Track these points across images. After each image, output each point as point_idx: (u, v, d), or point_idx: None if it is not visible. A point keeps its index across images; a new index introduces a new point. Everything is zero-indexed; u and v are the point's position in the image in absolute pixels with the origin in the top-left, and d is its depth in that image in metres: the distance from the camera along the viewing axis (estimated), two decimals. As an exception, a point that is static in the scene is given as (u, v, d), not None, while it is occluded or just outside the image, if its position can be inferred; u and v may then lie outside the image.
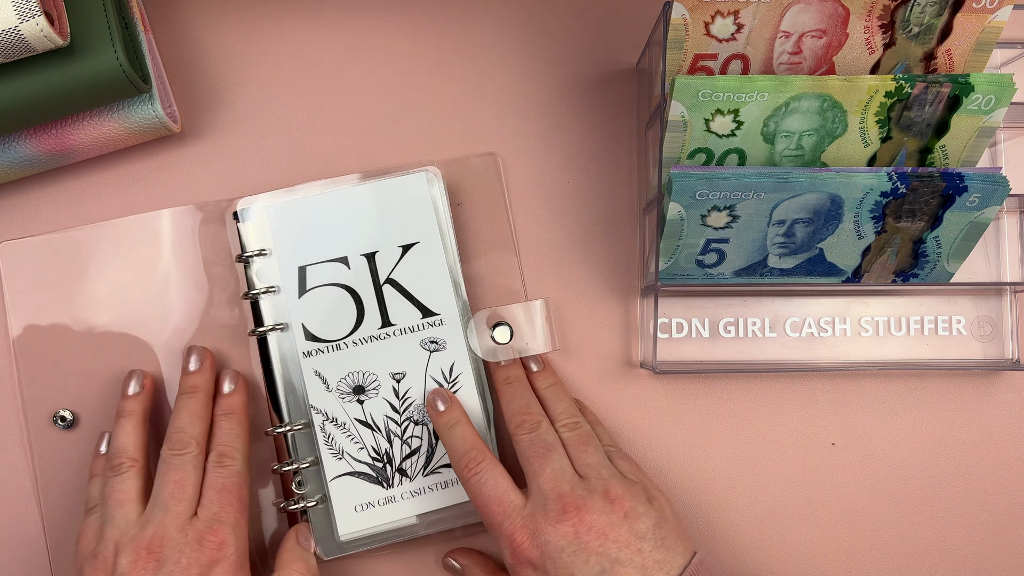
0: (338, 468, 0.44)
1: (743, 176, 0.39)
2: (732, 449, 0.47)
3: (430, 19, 0.49)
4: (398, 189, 0.45)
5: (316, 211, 0.45)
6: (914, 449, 0.47)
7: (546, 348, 0.44)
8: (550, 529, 0.37)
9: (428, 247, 0.45)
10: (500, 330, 0.44)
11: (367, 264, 0.45)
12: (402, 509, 0.44)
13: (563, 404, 0.43)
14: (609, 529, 0.37)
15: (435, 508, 0.45)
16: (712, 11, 0.39)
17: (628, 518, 0.38)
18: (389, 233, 0.45)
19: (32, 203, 0.46)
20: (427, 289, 0.45)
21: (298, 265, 0.45)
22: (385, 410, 0.45)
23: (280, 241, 0.45)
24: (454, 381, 0.45)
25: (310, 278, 0.45)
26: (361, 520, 0.44)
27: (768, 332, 0.47)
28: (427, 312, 0.45)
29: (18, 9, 0.36)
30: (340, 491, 0.44)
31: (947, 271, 0.43)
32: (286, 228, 0.45)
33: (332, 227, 0.45)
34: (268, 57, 0.48)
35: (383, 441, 0.44)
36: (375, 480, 0.44)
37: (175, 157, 0.47)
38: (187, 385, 0.43)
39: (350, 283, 0.45)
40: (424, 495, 0.45)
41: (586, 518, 0.37)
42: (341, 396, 0.44)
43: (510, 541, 0.38)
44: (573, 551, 0.37)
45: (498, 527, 0.39)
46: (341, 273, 0.45)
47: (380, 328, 0.45)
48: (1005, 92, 0.39)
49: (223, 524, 0.39)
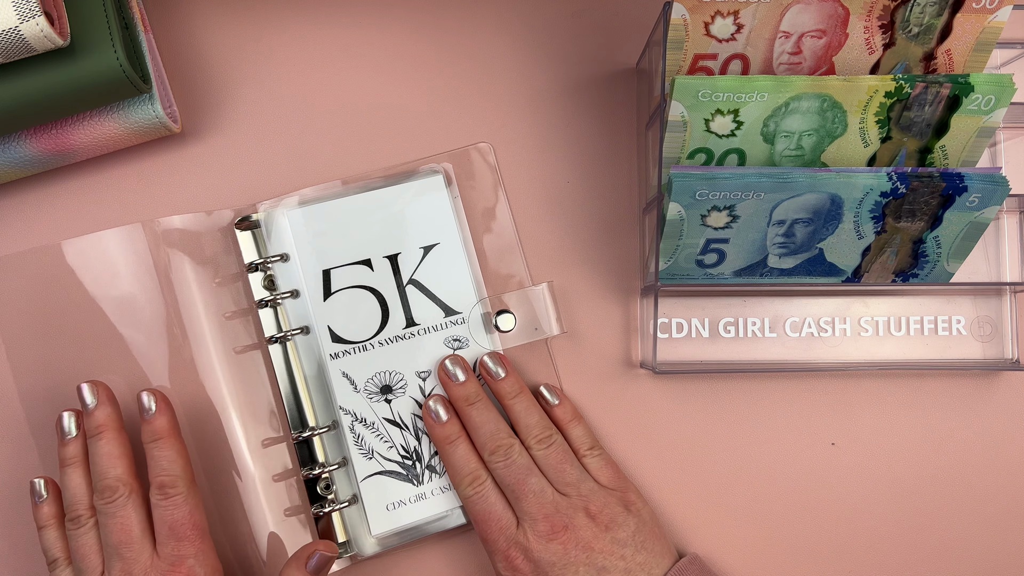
0: (369, 468, 0.45)
1: (743, 176, 0.39)
2: (732, 449, 0.47)
3: (430, 20, 0.49)
4: (418, 191, 0.46)
5: (338, 215, 0.45)
6: (914, 449, 0.47)
7: (555, 331, 0.45)
8: (541, 547, 0.41)
9: (448, 247, 0.46)
10: (504, 318, 0.45)
11: (390, 266, 0.45)
12: (432, 506, 0.45)
13: (533, 418, 0.44)
14: (593, 541, 0.41)
15: None
16: (712, 11, 0.39)
17: (609, 529, 0.41)
18: (411, 235, 0.46)
19: (32, 203, 0.46)
20: (448, 289, 0.46)
21: (322, 268, 0.45)
22: (413, 408, 0.45)
23: (303, 245, 0.45)
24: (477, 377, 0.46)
25: (335, 281, 0.45)
26: (393, 518, 0.45)
27: (768, 332, 0.47)
28: (449, 311, 0.46)
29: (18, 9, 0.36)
30: (371, 491, 0.45)
31: (947, 271, 0.43)
32: (309, 232, 0.45)
33: (355, 230, 0.45)
34: (268, 57, 0.48)
35: (412, 439, 0.45)
36: (405, 478, 0.45)
37: (175, 157, 0.47)
38: (91, 427, 0.41)
39: (374, 285, 0.45)
40: (453, 490, 0.45)
41: (572, 535, 0.41)
42: (369, 396, 0.45)
43: (505, 557, 0.41)
44: (564, 565, 0.40)
45: (494, 543, 0.42)
46: (365, 275, 0.45)
47: (405, 328, 0.45)
48: (1005, 92, 0.39)
49: (184, 558, 0.39)
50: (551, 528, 0.41)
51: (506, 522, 0.42)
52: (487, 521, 0.42)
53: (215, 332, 0.45)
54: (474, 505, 0.42)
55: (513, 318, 0.46)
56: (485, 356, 0.45)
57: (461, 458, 0.43)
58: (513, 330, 0.45)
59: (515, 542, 0.41)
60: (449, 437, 0.43)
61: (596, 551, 0.41)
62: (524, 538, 0.41)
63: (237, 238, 0.45)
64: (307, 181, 0.47)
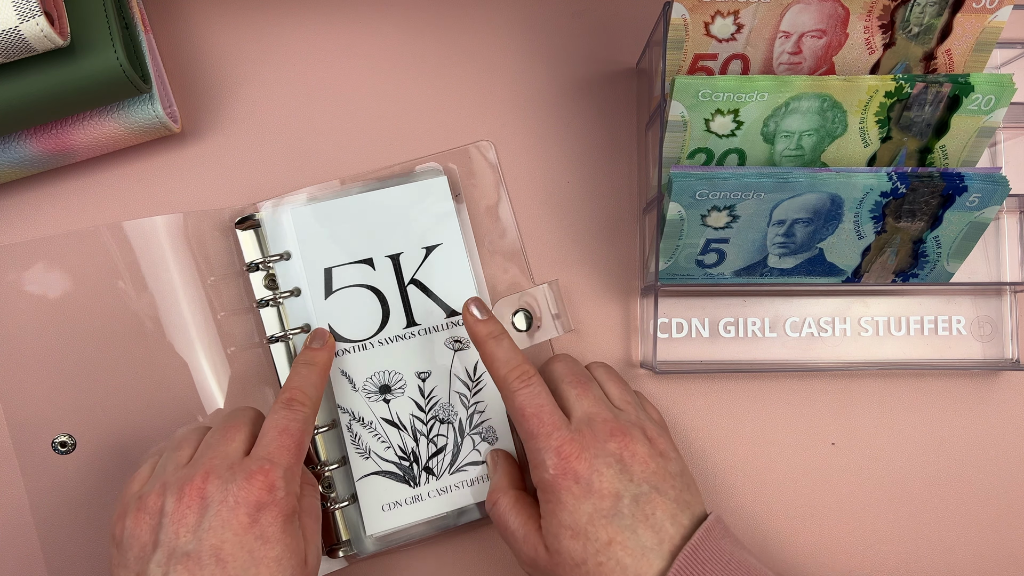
0: (365, 468, 0.44)
1: (743, 176, 0.39)
2: (732, 449, 0.47)
3: (431, 19, 0.49)
4: (422, 192, 0.46)
5: (341, 214, 0.45)
6: (914, 449, 0.47)
7: (563, 330, 0.45)
8: (599, 446, 0.38)
9: (450, 248, 0.46)
10: (519, 317, 0.45)
11: (392, 265, 0.45)
12: (428, 508, 0.45)
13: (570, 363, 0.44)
14: (649, 460, 0.39)
15: (461, 506, 0.45)
16: (712, 11, 0.39)
17: (663, 457, 0.39)
18: (413, 235, 0.46)
19: (32, 203, 0.46)
20: (450, 289, 0.46)
21: (324, 267, 0.45)
22: (411, 409, 0.45)
23: (305, 244, 0.45)
24: (478, 380, 0.46)
25: (336, 279, 0.45)
26: (389, 519, 0.44)
27: (768, 332, 0.47)
28: (451, 312, 0.46)
29: (18, 9, 0.36)
30: (368, 490, 0.44)
31: (947, 271, 0.43)
32: (312, 230, 0.45)
33: (358, 229, 0.45)
34: (268, 56, 0.48)
35: (409, 440, 0.45)
36: (402, 479, 0.45)
37: (175, 157, 0.47)
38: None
39: (376, 284, 0.45)
40: (450, 493, 0.45)
41: (630, 444, 0.38)
42: (367, 395, 0.45)
43: (558, 452, 0.38)
44: (619, 469, 0.38)
45: (546, 438, 0.38)
46: (367, 274, 0.45)
47: (405, 328, 0.45)
48: (1005, 92, 0.39)
49: (275, 465, 0.37)
50: (610, 430, 0.38)
51: (559, 417, 0.39)
52: (539, 415, 0.39)
53: (214, 331, 0.45)
54: (523, 399, 0.39)
55: (527, 317, 0.45)
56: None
57: (507, 350, 0.40)
58: (529, 329, 0.45)
59: (570, 437, 0.38)
60: (493, 332, 0.41)
61: (651, 470, 0.38)
62: (579, 435, 0.38)
63: (238, 237, 0.45)
64: (307, 181, 0.47)
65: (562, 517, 0.37)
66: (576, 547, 0.37)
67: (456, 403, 0.45)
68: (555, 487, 0.37)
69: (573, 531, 0.37)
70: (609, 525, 0.36)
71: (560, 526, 0.37)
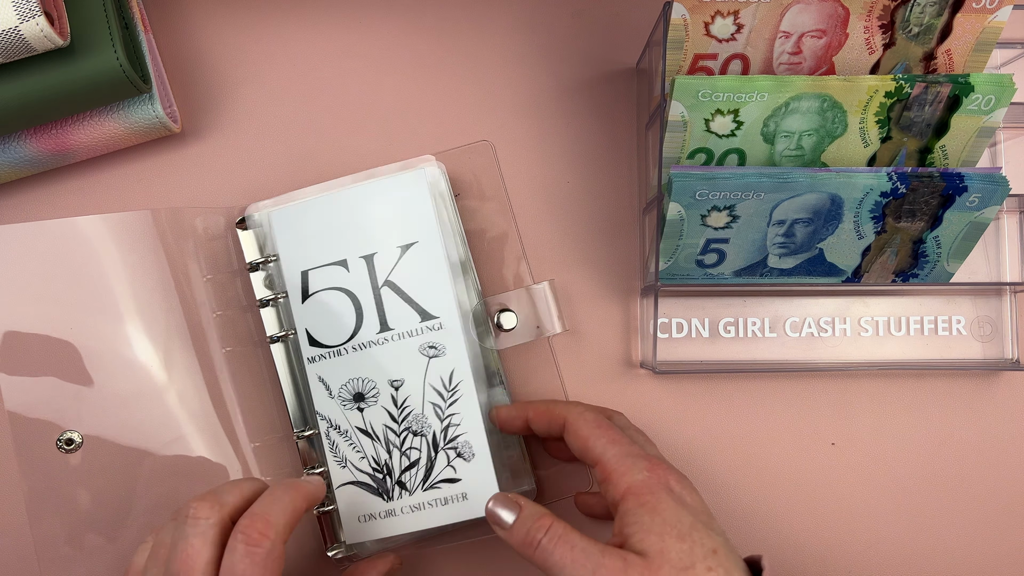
0: (342, 476, 0.44)
1: (743, 176, 0.39)
2: (732, 449, 0.47)
3: (430, 20, 0.49)
4: (396, 187, 0.44)
5: (316, 214, 0.44)
6: (914, 449, 0.47)
7: (558, 329, 0.44)
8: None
9: (427, 246, 0.44)
10: (506, 316, 0.44)
11: (366, 266, 0.44)
12: (402, 524, 0.43)
13: None
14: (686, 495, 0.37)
15: (435, 526, 0.43)
16: (712, 11, 0.39)
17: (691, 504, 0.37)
18: (388, 233, 0.44)
19: (32, 203, 0.46)
20: (426, 290, 0.44)
21: (300, 270, 0.44)
22: (384, 419, 0.43)
23: (284, 246, 0.44)
24: (454, 389, 0.43)
25: (312, 282, 0.44)
26: (365, 530, 0.43)
27: (768, 332, 0.47)
28: (426, 315, 0.43)
29: (18, 9, 0.36)
30: (345, 499, 0.43)
31: (947, 271, 0.43)
32: (289, 233, 0.44)
33: (332, 230, 0.44)
34: (268, 57, 0.48)
35: (383, 451, 0.43)
36: (376, 491, 0.43)
37: (175, 157, 0.47)
38: None
39: (349, 286, 0.44)
40: (424, 511, 0.43)
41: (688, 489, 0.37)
42: (343, 403, 0.44)
43: (648, 459, 0.36)
44: (708, 514, 0.36)
45: (629, 444, 0.37)
46: (341, 276, 0.44)
47: (378, 332, 0.43)
48: (1005, 92, 0.39)
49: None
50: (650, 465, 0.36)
51: None
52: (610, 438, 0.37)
53: (212, 331, 0.45)
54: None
55: (515, 316, 0.44)
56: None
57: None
58: (515, 328, 0.45)
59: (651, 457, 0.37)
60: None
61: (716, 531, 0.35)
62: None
63: (239, 237, 0.45)
64: (307, 181, 0.47)
65: (666, 516, 0.34)
66: (683, 548, 0.34)
67: (430, 414, 0.43)
68: (652, 487, 0.35)
69: (679, 532, 0.34)
70: (712, 536, 0.34)
71: (665, 524, 0.34)
